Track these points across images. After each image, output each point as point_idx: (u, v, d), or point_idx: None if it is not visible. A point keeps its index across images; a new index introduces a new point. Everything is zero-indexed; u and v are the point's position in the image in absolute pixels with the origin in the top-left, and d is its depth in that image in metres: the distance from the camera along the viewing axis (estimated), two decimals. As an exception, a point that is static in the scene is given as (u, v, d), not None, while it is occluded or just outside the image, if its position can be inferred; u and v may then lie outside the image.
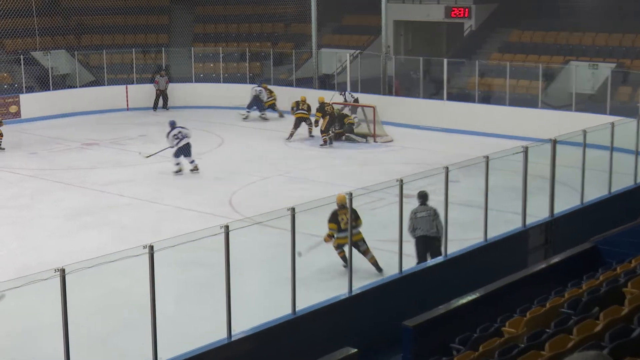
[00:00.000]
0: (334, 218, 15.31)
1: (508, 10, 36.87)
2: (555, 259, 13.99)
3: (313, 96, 32.96)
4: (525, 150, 15.13)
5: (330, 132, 27.99)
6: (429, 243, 14.85)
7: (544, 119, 27.96)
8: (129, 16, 39.83)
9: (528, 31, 35.80)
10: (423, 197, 15.18)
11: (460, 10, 37.64)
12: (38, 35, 36.31)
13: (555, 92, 30.79)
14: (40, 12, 36.53)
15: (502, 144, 22.01)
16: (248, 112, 32.75)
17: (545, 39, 34.96)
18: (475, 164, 14.75)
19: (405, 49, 40.43)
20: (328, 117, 28.00)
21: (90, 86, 35.58)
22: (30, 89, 34.19)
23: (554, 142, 15.84)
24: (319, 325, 12.12)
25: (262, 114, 32.79)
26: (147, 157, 24.32)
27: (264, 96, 32.83)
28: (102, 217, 19.68)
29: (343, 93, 31.46)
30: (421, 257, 14.80)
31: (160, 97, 35.49)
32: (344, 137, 28.52)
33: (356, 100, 31.27)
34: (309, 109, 28.91)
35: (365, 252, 15.39)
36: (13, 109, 32.70)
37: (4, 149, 27.16)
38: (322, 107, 28.54)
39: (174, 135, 23.76)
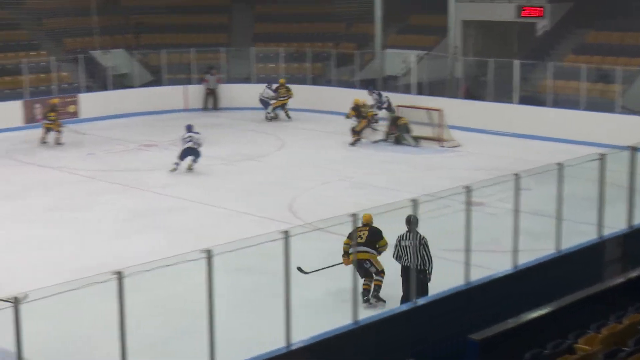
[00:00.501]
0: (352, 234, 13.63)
1: (584, 10, 36.00)
2: (634, 274, 13.45)
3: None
4: (602, 158, 14.56)
5: (361, 135, 28.01)
6: (410, 276, 12.84)
7: (622, 125, 27.26)
8: (188, 15, 39.92)
9: (605, 31, 34.90)
10: (411, 222, 13.14)
11: (533, 10, 36.85)
12: (97, 34, 36.51)
13: (634, 96, 29.90)
14: (99, 11, 36.83)
15: (576, 151, 21.47)
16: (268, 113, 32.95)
17: (624, 39, 34.04)
18: (548, 171, 14.30)
19: (474, 50, 39.75)
20: (365, 120, 27.93)
21: (149, 86, 35.69)
22: (88, 89, 34.35)
23: (633, 149, 15.23)
24: (381, 336, 11.81)
25: (269, 114, 32.88)
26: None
27: (269, 94, 32.95)
28: (160, 220, 19.57)
29: (373, 93, 31.13)
30: (405, 292, 13.26)
31: (211, 97, 35.36)
32: (391, 139, 28.10)
33: (387, 101, 31.07)
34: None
35: (373, 274, 14.62)
36: (72, 108, 32.86)
37: (63, 143, 27.47)
38: (358, 108, 28.47)
39: (184, 138, 24.39)
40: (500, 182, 14.40)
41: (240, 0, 41.86)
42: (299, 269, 13.77)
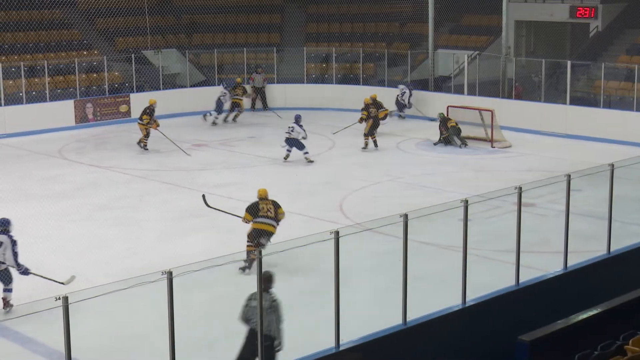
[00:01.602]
0: (252, 207, 16.34)
1: (637, 10, 35.59)
2: (684, 275, 13.37)
3: (428, 99, 32.67)
4: (654, 159, 14.45)
5: (373, 135, 27.72)
6: (256, 341, 11.01)
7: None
8: (240, 15, 40.02)
9: (658, 33, 34.53)
10: (264, 280, 11.01)
11: (585, 10, 36.53)
12: (149, 34, 36.78)
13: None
14: (151, 11, 37.07)
15: (628, 152, 21.25)
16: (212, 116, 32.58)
17: (677, 40, 33.67)
18: (599, 172, 14.20)
19: (526, 50, 39.51)
20: (371, 120, 27.84)
21: (201, 86, 35.78)
22: (140, 88, 34.55)
23: (685, 150, 15.09)
24: (430, 336, 11.84)
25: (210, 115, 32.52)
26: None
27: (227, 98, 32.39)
28: (210, 219, 19.55)
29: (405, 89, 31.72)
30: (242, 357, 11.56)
31: (259, 96, 35.37)
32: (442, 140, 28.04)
33: (411, 96, 31.87)
34: None
35: (261, 245, 15.61)
36: (123, 108, 33.16)
37: (147, 149, 27.35)
38: (367, 108, 28.54)
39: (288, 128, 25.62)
40: (551, 183, 14.34)
41: (293, 1, 41.99)
42: (203, 197, 17.39)
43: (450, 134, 27.88)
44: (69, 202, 21.31)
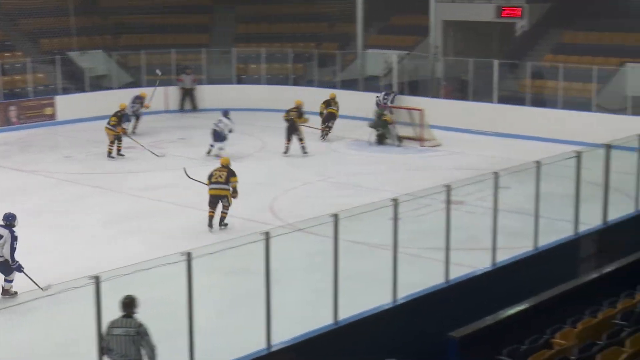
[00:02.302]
0: (209, 175, 19.36)
1: (562, 10, 36.15)
2: (608, 269, 13.68)
3: (357, 99, 32.77)
4: (578, 156, 14.74)
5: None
6: None
7: (598, 123, 27.43)
8: (168, 16, 39.64)
9: (582, 32, 35.09)
10: (125, 304, 10.76)
11: (512, 10, 36.98)
12: (75, 34, 36.23)
13: (610, 95, 30.09)
14: (77, 11, 36.50)
15: (554, 149, 21.59)
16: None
17: (601, 39, 34.23)
18: (526, 169, 14.44)
19: (454, 49, 39.86)
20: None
21: (128, 87, 35.24)
22: (66, 91, 33.97)
23: (608, 147, 15.42)
24: (361, 335, 11.90)
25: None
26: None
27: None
28: (140, 223, 19.48)
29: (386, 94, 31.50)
30: None
31: (187, 98, 35.12)
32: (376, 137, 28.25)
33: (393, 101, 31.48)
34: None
35: (225, 207, 18.99)
36: (48, 110, 32.65)
37: (123, 155, 26.72)
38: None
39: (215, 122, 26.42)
40: (479, 181, 14.54)
41: (222, 1, 41.78)
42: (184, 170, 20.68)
43: (380, 128, 28.00)
44: (-3, 208, 20.97)
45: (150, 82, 34.38)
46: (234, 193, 19.19)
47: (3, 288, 15.08)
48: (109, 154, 26.56)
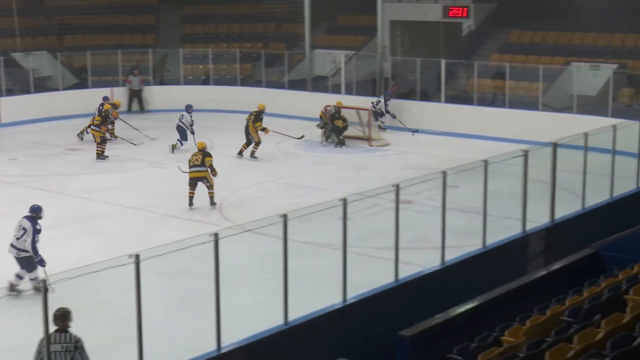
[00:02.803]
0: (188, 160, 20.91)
1: (508, 10, 36.51)
2: (556, 266, 13.85)
3: (305, 99, 32.76)
4: (525, 154, 14.87)
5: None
6: None
7: (545, 122, 27.68)
8: (114, 16, 39.37)
9: (528, 31, 35.47)
10: (59, 318, 10.51)
11: (458, 10, 37.26)
12: (19, 35, 35.74)
13: (556, 94, 30.44)
14: (21, 12, 36.03)
15: (501, 148, 21.75)
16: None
17: (546, 39, 34.64)
18: (474, 168, 14.50)
19: (402, 49, 40.06)
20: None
21: (74, 89, 34.94)
22: (10, 92, 33.51)
23: (555, 146, 15.57)
24: (311, 336, 11.87)
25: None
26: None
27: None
28: (86, 225, 19.27)
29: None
30: None
31: (135, 99, 34.80)
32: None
33: (387, 105, 30.65)
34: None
35: (209, 187, 20.56)
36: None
37: (107, 157, 26.13)
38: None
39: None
40: (428, 180, 14.59)
41: (168, 1, 41.53)
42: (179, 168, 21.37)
43: (329, 129, 28.03)
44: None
45: (97, 84, 34.22)
46: (213, 171, 20.65)
47: (33, 284, 14.10)
48: (99, 156, 26.03)
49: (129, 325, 11.92)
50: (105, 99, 29.39)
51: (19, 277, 14.59)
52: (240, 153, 26.46)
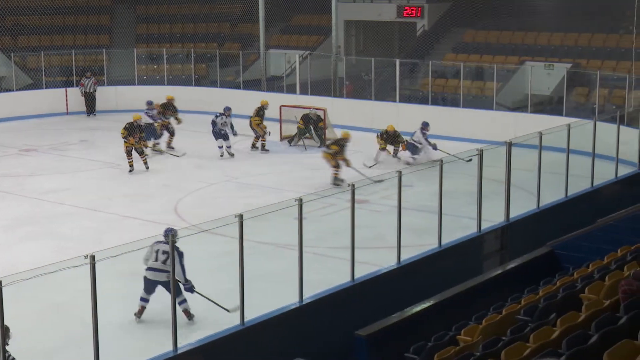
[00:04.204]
0: None
1: (462, 10, 36.80)
2: (511, 265, 13.92)
3: (260, 99, 32.62)
4: (480, 153, 14.91)
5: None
6: None
7: (499, 121, 27.89)
8: (68, 16, 38.98)
9: (482, 31, 35.75)
10: None
11: (412, 10, 37.46)
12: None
13: (510, 93, 30.70)
14: (-28, 12, 35.60)
15: (456, 147, 21.84)
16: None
17: (500, 39, 34.92)
18: (429, 167, 14.55)
19: (356, 49, 40.19)
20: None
21: (28, 89, 34.64)
22: (-37, 93, 33.09)
23: (509, 145, 15.65)
24: (268, 336, 11.84)
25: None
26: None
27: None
28: (42, 227, 19.06)
29: None
30: None
31: (90, 100, 34.26)
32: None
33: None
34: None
35: None
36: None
37: (148, 168, 24.37)
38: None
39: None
40: (383, 180, 14.61)
41: (122, 1, 41.26)
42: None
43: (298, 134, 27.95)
44: None
45: (50, 84, 33.95)
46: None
47: (185, 312, 13.37)
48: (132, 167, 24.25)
49: (84, 327, 11.87)
50: (149, 103, 27.81)
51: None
52: (253, 146, 27.11)
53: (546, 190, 16.89)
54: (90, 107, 34.26)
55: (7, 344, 9.82)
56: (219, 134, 25.98)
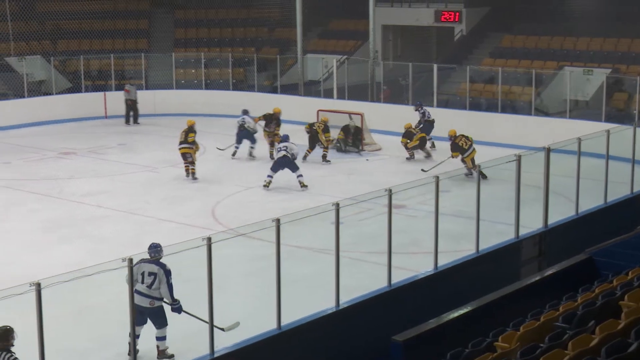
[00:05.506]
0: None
1: (500, 15, 36.61)
2: (550, 271, 13.80)
3: (297, 103, 32.68)
4: (518, 159, 14.83)
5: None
6: None
7: (537, 127, 27.65)
8: (107, 21, 39.33)
9: (520, 36, 35.53)
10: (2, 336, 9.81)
11: (450, 15, 37.33)
12: (12, 40, 35.61)
13: (548, 99, 30.48)
14: (14, 17, 35.85)
15: (494, 153, 21.68)
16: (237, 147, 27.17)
17: (539, 43, 34.69)
18: (467, 173, 14.45)
19: (393, 54, 40.10)
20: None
21: (67, 93, 34.92)
22: (4, 96, 33.53)
23: (548, 151, 15.54)
24: (305, 340, 11.82)
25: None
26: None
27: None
28: (80, 229, 19.18)
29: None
30: None
31: (133, 108, 33.70)
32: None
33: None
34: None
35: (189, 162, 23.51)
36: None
37: (197, 178, 23.86)
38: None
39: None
40: (420, 185, 14.55)
41: (160, 6, 41.50)
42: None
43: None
44: None
45: (89, 88, 34.18)
46: (194, 146, 23.29)
47: (158, 348, 12.44)
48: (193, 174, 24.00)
49: (118, 329, 11.95)
50: (245, 112, 27.41)
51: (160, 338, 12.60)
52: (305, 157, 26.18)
53: (585, 197, 16.74)
54: (135, 116, 33.47)
55: (12, 345, 9.79)
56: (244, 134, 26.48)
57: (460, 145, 23.72)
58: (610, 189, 17.28)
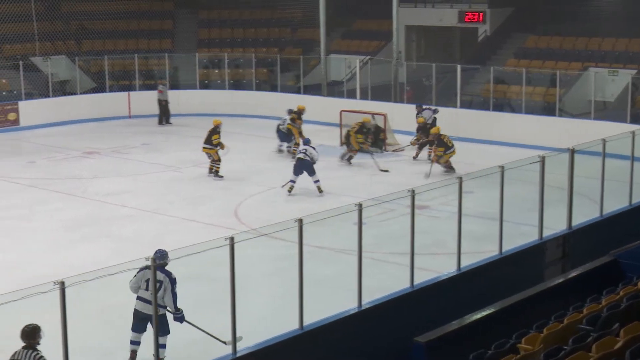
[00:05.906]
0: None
1: (524, 15, 36.44)
2: (574, 273, 13.75)
3: (320, 104, 32.65)
4: (542, 160, 14.76)
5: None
6: None
7: (562, 128, 27.54)
8: (131, 21, 39.45)
9: (545, 36, 35.36)
10: (28, 334, 9.84)
11: (474, 15, 37.21)
12: (38, 40, 35.81)
13: (573, 100, 30.31)
14: (40, 17, 36.09)
15: (517, 154, 21.62)
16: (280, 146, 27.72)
17: (563, 44, 34.51)
18: (490, 174, 14.41)
19: (417, 54, 40.02)
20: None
21: (91, 93, 35.14)
22: (29, 96, 33.71)
23: (572, 152, 15.46)
24: (327, 340, 11.83)
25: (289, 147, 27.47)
26: None
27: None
28: (103, 228, 19.28)
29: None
30: None
31: (166, 109, 33.61)
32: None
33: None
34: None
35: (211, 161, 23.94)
36: (12, 116, 32.30)
37: (222, 177, 24.14)
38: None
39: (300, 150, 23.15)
40: (443, 186, 14.53)
41: (184, 6, 41.62)
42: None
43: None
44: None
45: (114, 88, 34.33)
46: (218, 146, 23.63)
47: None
48: (217, 173, 24.29)
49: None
50: (290, 112, 27.65)
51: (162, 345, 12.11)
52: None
53: (610, 198, 16.64)
54: (167, 116, 33.48)
55: (39, 343, 9.79)
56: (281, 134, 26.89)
57: (445, 142, 24.66)
58: (635, 191, 17.15)
